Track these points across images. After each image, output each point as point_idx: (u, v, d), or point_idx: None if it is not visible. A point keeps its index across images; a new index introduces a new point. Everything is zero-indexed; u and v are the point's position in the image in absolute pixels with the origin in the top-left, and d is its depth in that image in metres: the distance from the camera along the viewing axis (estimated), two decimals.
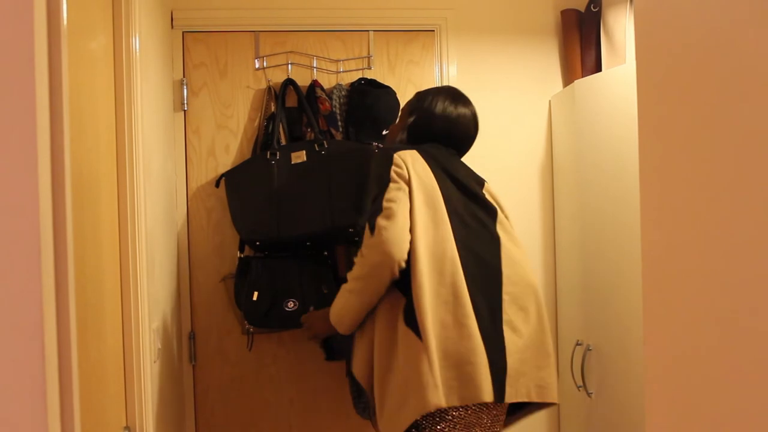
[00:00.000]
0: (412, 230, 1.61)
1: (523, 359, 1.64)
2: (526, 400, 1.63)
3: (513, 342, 1.63)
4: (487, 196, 1.80)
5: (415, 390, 1.54)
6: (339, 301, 1.71)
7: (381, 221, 1.59)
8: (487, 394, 1.55)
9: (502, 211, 1.81)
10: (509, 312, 1.65)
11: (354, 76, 2.42)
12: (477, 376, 1.55)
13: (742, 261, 0.60)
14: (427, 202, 1.65)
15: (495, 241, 1.71)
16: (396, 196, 1.62)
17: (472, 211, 1.72)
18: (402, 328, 1.60)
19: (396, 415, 1.59)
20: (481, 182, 1.82)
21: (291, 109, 2.36)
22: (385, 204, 1.62)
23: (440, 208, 1.65)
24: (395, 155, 1.68)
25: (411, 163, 1.67)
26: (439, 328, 1.57)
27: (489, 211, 1.76)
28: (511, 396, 1.60)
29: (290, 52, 2.41)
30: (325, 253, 2.27)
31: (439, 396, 1.53)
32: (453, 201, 1.69)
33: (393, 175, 1.65)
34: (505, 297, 1.66)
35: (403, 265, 1.59)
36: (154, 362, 1.70)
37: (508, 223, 1.81)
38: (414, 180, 1.65)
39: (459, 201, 1.71)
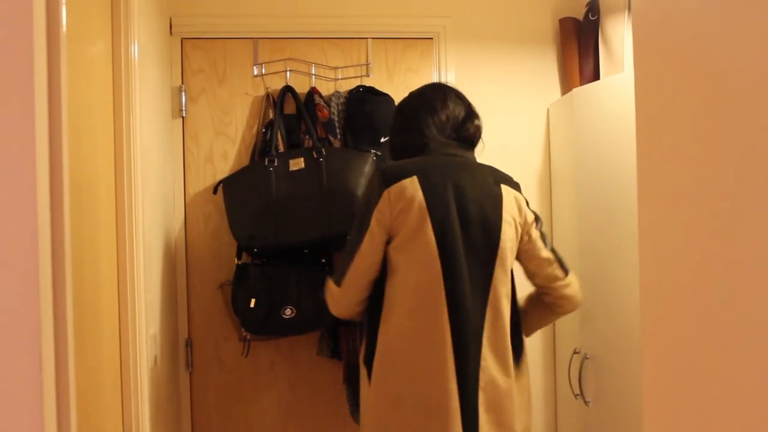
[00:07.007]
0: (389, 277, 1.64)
1: None
2: None
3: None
4: (507, 213, 1.65)
5: None
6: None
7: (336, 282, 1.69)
8: None
9: (521, 226, 1.68)
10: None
11: (352, 84, 2.42)
12: None
13: (741, 269, 0.60)
14: (410, 244, 1.59)
15: (485, 287, 1.61)
16: (367, 248, 1.61)
17: (469, 244, 1.60)
18: None
19: None
20: (496, 197, 1.65)
21: (289, 117, 2.36)
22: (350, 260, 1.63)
23: (427, 250, 1.58)
24: (385, 192, 1.60)
25: (400, 200, 1.59)
26: None
27: (490, 245, 1.62)
28: None
29: (289, 59, 2.41)
30: (323, 260, 2.26)
31: None
32: (449, 235, 1.59)
33: (373, 221, 1.60)
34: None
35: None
36: (151, 369, 1.70)
37: (532, 239, 1.69)
38: (398, 227, 1.60)
39: (457, 235, 1.59)
